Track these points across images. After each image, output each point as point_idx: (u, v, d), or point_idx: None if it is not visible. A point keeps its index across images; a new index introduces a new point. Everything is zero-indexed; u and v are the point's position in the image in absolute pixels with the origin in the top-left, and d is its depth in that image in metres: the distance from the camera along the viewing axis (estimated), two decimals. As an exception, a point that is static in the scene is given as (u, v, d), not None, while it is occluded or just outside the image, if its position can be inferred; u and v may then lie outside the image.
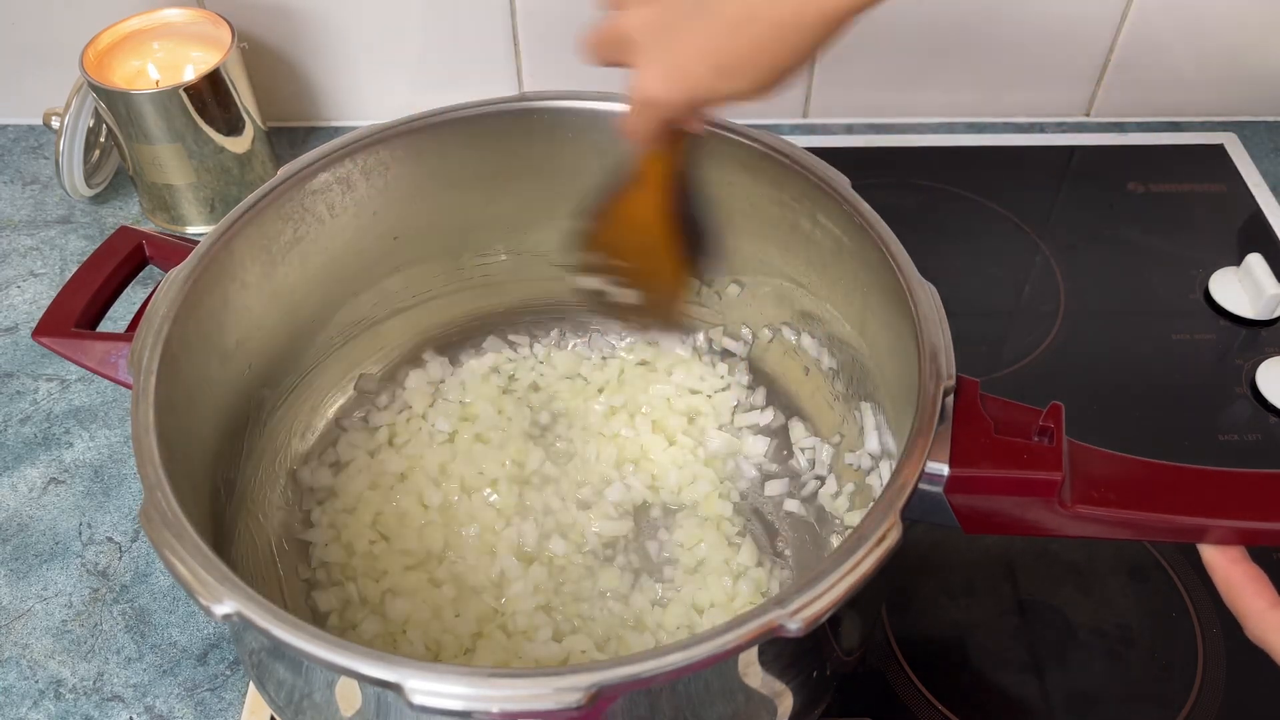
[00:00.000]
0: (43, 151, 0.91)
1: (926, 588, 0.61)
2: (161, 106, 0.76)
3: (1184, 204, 0.84)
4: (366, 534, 0.60)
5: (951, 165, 0.87)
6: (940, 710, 0.56)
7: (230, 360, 0.56)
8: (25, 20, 0.86)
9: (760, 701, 0.46)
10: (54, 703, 0.58)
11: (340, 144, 0.58)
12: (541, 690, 0.37)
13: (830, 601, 0.39)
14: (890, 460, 0.56)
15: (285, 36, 0.87)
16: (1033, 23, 0.86)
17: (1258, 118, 0.92)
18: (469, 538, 0.60)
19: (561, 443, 0.65)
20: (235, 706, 0.57)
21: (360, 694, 0.43)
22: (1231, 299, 0.76)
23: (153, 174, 0.80)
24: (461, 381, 0.68)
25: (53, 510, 0.66)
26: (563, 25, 0.85)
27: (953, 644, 0.59)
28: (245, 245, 0.55)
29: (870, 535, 0.41)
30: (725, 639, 0.38)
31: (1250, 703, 0.56)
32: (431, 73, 0.89)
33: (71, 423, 0.71)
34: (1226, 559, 0.44)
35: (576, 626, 0.57)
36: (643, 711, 0.43)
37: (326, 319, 0.64)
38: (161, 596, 0.62)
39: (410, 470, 0.63)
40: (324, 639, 0.38)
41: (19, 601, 0.62)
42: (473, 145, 0.61)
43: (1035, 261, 0.80)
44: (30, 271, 0.81)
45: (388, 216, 0.62)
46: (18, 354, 0.75)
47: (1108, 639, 0.59)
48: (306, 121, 0.93)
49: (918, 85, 0.90)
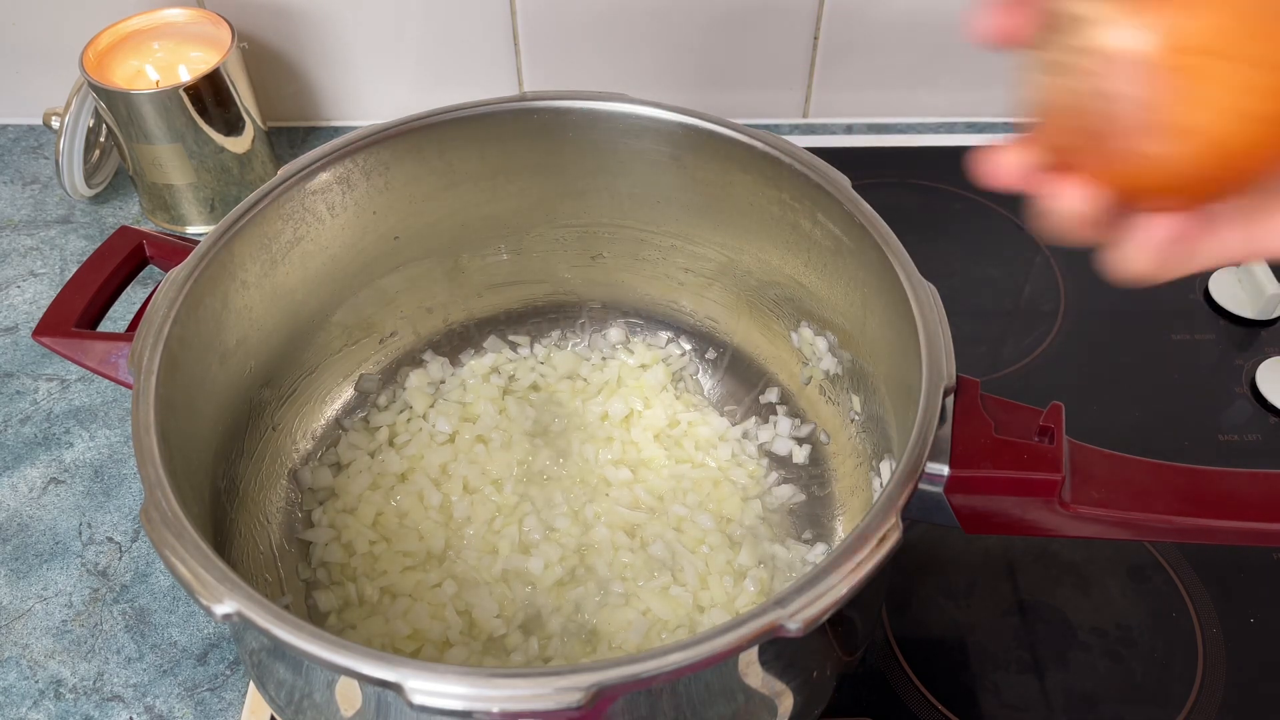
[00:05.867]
0: (43, 151, 0.91)
1: (927, 588, 0.61)
2: (161, 106, 0.76)
3: (1184, 204, 0.84)
4: (367, 534, 0.60)
5: (952, 165, 0.87)
6: (940, 710, 0.56)
7: (230, 360, 0.56)
8: (25, 20, 0.86)
9: (760, 701, 0.46)
10: (54, 702, 0.58)
11: (340, 144, 0.58)
12: (542, 690, 0.37)
13: (830, 602, 0.39)
14: (891, 460, 0.56)
15: (285, 36, 0.87)
16: (1033, 23, 0.86)
17: (1258, 118, 0.92)
18: (469, 538, 0.60)
19: (562, 443, 0.65)
20: (235, 706, 0.57)
21: (360, 694, 0.43)
22: (1231, 299, 0.76)
23: (153, 174, 0.80)
24: (462, 382, 0.68)
25: (53, 510, 0.66)
26: (563, 25, 0.86)
27: (953, 644, 0.59)
28: (245, 245, 0.55)
29: (870, 535, 0.41)
30: (725, 639, 0.38)
31: (1250, 703, 0.56)
32: (431, 72, 0.89)
33: (72, 423, 0.71)
34: None
35: (577, 626, 0.57)
36: (643, 711, 0.43)
37: (327, 319, 0.64)
38: (162, 596, 0.62)
39: (411, 470, 0.63)
40: (324, 639, 0.38)
41: (19, 601, 0.62)
42: (473, 145, 0.61)
43: (1035, 261, 0.80)
44: (30, 271, 0.81)
45: (388, 216, 0.62)
46: (18, 354, 0.75)
47: (1108, 639, 0.59)
48: (306, 121, 0.93)
49: (918, 85, 0.90)
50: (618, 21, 0.85)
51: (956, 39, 0.87)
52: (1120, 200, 0.33)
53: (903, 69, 0.89)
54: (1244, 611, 0.60)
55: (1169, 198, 0.33)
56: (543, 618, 0.57)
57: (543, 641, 0.56)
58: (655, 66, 0.88)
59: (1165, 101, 0.30)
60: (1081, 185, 0.33)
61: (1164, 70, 0.30)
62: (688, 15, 0.85)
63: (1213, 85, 0.30)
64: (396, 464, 0.63)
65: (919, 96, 0.91)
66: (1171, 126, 0.30)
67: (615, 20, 0.85)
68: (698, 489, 0.62)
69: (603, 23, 0.85)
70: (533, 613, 0.57)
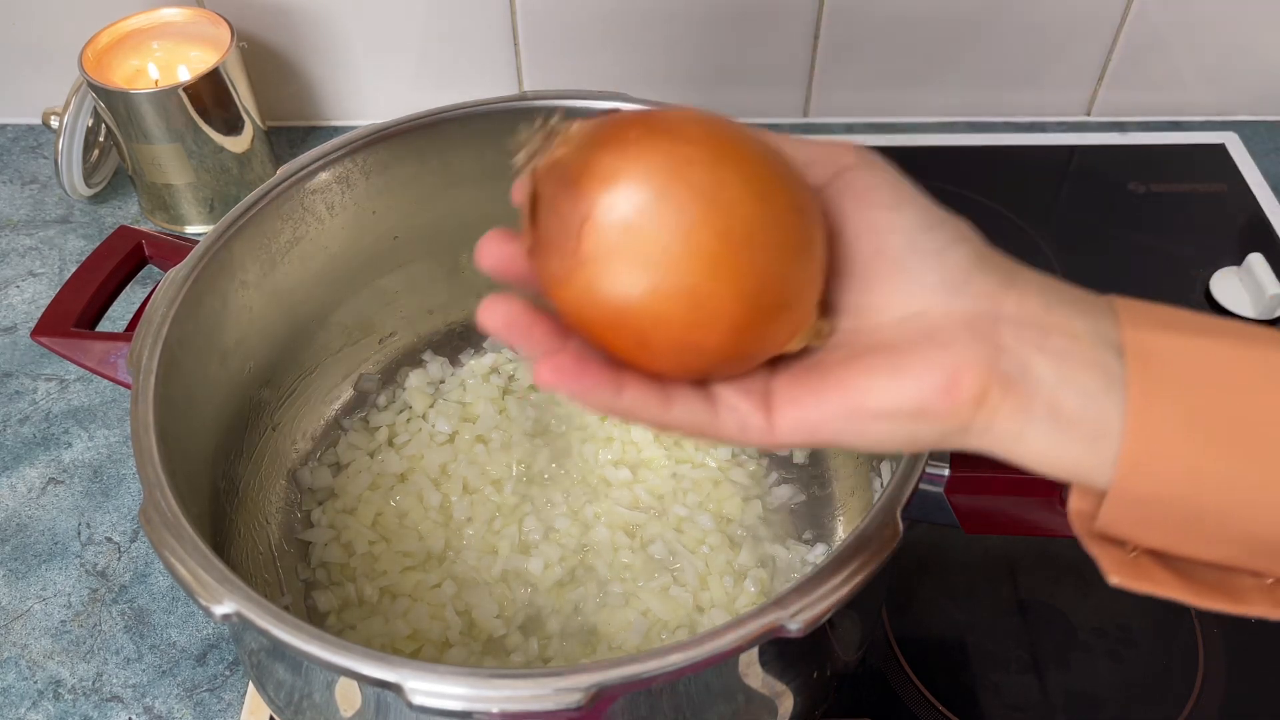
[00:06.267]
0: (42, 151, 0.91)
1: (927, 588, 0.61)
2: (161, 106, 0.76)
3: (1185, 204, 0.84)
4: (366, 534, 0.60)
5: (952, 165, 0.87)
6: (941, 711, 0.56)
7: (230, 360, 0.56)
8: (24, 19, 0.86)
9: (761, 702, 0.46)
10: (53, 703, 0.58)
11: (340, 143, 0.58)
12: (542, 690, 0.37)
13: (831, 602, 0.39)
14: (891, 460, 0.56)
15: (285, 36, 0.87)
16: (1033, 22, 0.86)
17: (1259, 117, 0.92)
18: (469, 538, 0.60)
19: (561, 443, 0.65)
20: (234, 707, 0.57)
21: (360, 694, 0.43)
22: (1233, 299, 0.76)
23: (152, 174, 0.80)
24: (462, 382, 0.68)
25: (52, 510, 0.66)
26: (563, 24, 0.85)
27: (953, 644, 0.59)
28: (245, 245, 0.55)
29: (871, 536, 0.41)
30: (726, 639, 0.38)
31: (1251, 703, 0.56)
32: (431, 72, 0.89)
33: (70, 423, 0.71)
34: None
35: (577, 626, 0.57)
36: (643, 712, 0.43)
37: (326, 318, 0.63)
38: (161, 597, 0.62)
39: (410, 471, 0.63)
40: (324, 639, 0.38)
41: (18, 602, 0.62)
42: (473, 144, 0.60)
43: (1036, 261, 0.79)
44: (29, 271, 0.81)
45: (387, 216, 0.62)
46: (17, 354, 0.75)
47: (1108, 639, 0.59)
48: (306, 121, 0.93)
49: (918, 84, 0.90)
50: (618, 20, 0.85)
51: (957, 38, 0.87)
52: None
53: (904, 68, 0.89)
54: (1245, 612, 0.60)
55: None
56: (542, 618, 0.57)
57: (542, 642, 0.56)
58: (655, 66, 0.88)
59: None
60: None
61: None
62: (688, 14, 0.85)
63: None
64: (396, 464, 0.63)
65: (920, 96, 0.91)
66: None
67: (615, 19, 0.85)
68: (698, 489, 0.62)
69: (603, 22, 0.85)
70: (533, 613, 0.57)
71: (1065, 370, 0.31)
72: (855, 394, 0.32)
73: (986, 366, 0.31)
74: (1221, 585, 0.33)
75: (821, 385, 0.33)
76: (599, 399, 0.32)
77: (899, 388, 0.32)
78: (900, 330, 0.33)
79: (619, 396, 0.32)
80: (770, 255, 0.31)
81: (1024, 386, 0.31)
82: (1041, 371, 0.31)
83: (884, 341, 0.33)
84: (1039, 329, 0.32)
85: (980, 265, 0.33)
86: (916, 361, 0.32)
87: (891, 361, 0.32)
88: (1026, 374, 0.31)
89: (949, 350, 0.32)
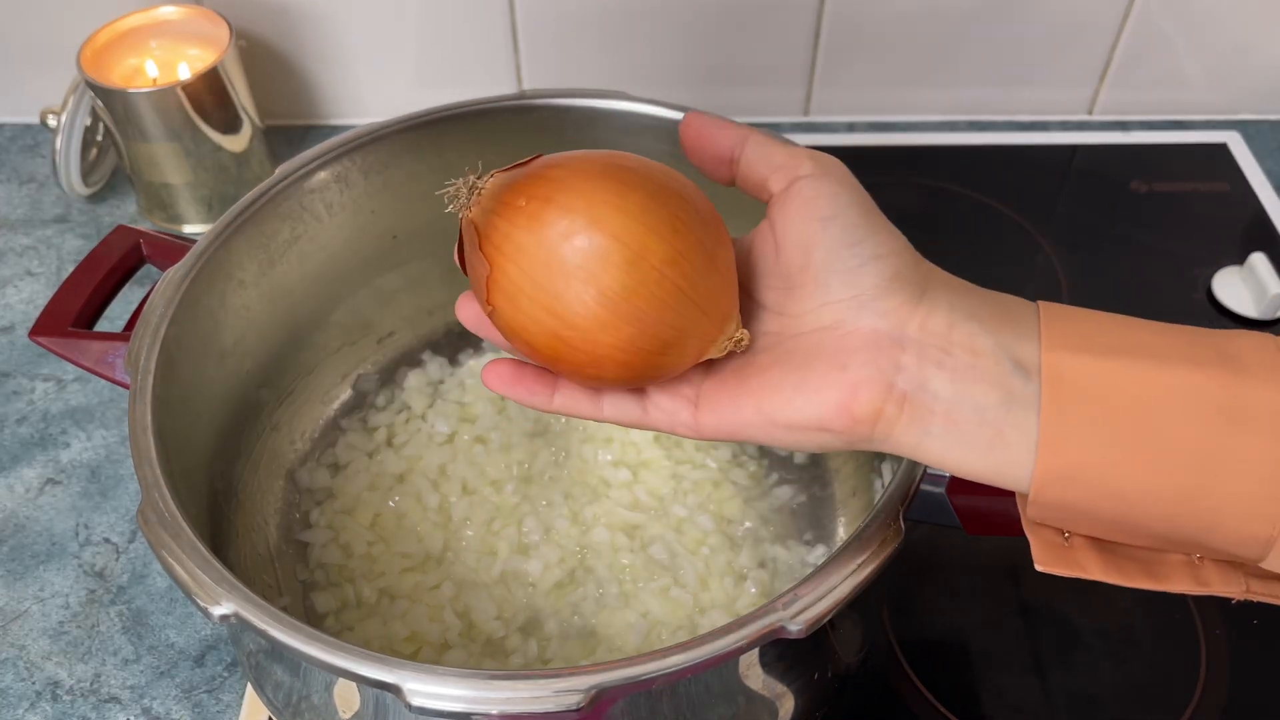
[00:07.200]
0: (39, 150, 0.91)
1: (929, 589, 0.61)
2: (159, 105, 0.76)
3: (1187, 203, 0.84)
4: (365, 535, 0.60)
5: (953, 164, 0.87)
6: (942, 712, 0.56)
7: (228, 360, 0.56)
8: (22, 18, 0.86)
9: (761, 704, 0.46)
10: (51, 704, 0.57)
11: (338, 142, 0.58)
12: (541, 692, 0.37)
13: (832, 603, 0.39)
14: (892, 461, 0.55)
15: (283, 34, 0.87)
16: (1035, 21, 0.86)
17: (1261, 116, 0.92)
18: (468, 539, 0.60)
19: (561, 443, 0.65)
20: (233, 708, 0.57)
21: (359, 696, 0.43)
22: (1235, 298, 0.76)
23: (150, 173, 0.80)
24: (461, 382, 0.67)
25: (49, 511, 0.66)
26: (562, 22, 0.85)
27: (955, 646, 0.59)
28: (243, 244, 0.55)
29: (872, 536, 0.41)
30: (726, 641, 0.38)
31: (1253, 704, 0.56)
32: (430, 70, 0.89)
33: (68, 423, 0.71)
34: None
35: (576, 628, 0.56)
36: (643, 713, 0.42)
37: (325, 318, 0.63)
38: (159, 597, 0.62)
39: (409, 471, 0.63)
40: (322, 640, 0.38)
41: (15, 602, 0.62)
42: (472, 143, 0.60)
43: (1037, 261, 0.80)
44: (27, 271, 0.81)
45: (386, 215, 0.62)
46: (14, 354, 0.75)
47: (1110, 640, 0.58)
48: (304, 120, 0.93)
49: (919, 83, 0.90)
50: (617, 19, 0.85)
51: (958, 37, 0.87)
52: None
53: (905, 67, 0.89)
54: (1247, 614, 0.59)
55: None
56: (542, 619, 0.57)
57: (542, 643, 0.56)
58: (655, 64, 0.88)
59: None
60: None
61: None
62: (688, 12, 0.85)
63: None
64: (395, 465, 0.63)
65: (921, 94, 0.91)
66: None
67: (615, 17, 0.85)
68: (698, 490, 0.62)
69: (602, 20, 0.85)
70: (532, 614, 0.57)
71: (962, 386, 0.34)
72: (766, 406, 0.36)
73: (882, 385, 0.34)
74: (1148, 566, 0.36)
75: (738, 394, 0.37)
76: (535, 402, 0.39)
77: (802, 404, 0.35)
78: (814, 341, 0.36)
79: (551, 401, 0.39)
80: (646, 306, 0.35)
81: (921, 401, 0.34)
82: (938, 387, 0.34)
83: (799, 351, 0.36)
84: (940, 347, 0.34)
85: (892, 284, 0.36)
86: (818, 380, 0.35)
87: (797, 378, 0.36)
88: (923, 389, 0.34)
89: (847, 371, 0.35)
